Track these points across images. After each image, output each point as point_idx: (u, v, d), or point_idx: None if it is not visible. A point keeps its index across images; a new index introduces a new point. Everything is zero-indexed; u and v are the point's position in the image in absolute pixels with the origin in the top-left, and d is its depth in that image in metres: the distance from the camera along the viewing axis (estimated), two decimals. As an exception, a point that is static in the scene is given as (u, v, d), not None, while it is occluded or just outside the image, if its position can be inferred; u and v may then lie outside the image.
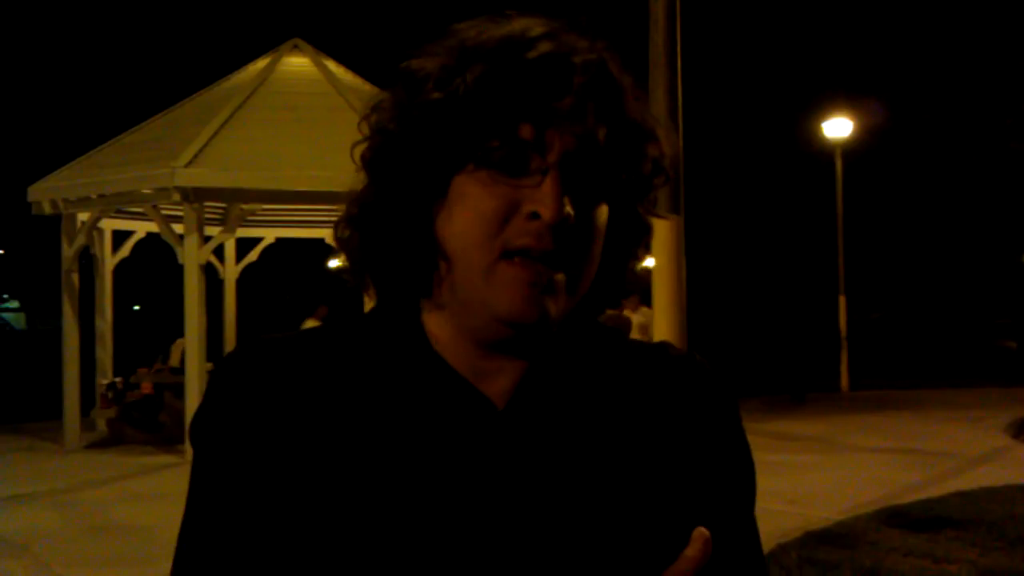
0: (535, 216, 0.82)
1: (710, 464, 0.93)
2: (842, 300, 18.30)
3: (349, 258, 0.92)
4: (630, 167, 0.88)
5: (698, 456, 0.92)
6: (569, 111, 0.83)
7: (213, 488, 0.88)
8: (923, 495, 7.81)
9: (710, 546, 0.82)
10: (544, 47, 0.84)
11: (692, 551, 0.82)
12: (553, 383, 0.90)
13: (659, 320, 5.06)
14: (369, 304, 0.96)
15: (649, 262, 4.90)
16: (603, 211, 0.87)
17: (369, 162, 0.89)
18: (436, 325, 0.90)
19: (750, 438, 0.99)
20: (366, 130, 0.90)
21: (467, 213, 0.84)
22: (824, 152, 19.78)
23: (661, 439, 0.91)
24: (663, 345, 1.00)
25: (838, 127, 18.89)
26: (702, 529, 0.82)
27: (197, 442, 0.90)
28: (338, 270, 1.01)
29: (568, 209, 0.83)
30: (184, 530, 0.90)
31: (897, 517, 7.04)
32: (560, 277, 0.84)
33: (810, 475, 9.08)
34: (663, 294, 4.95)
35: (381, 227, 0.89)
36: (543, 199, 0.82)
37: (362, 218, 0.90)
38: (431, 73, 0.86)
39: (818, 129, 19.43)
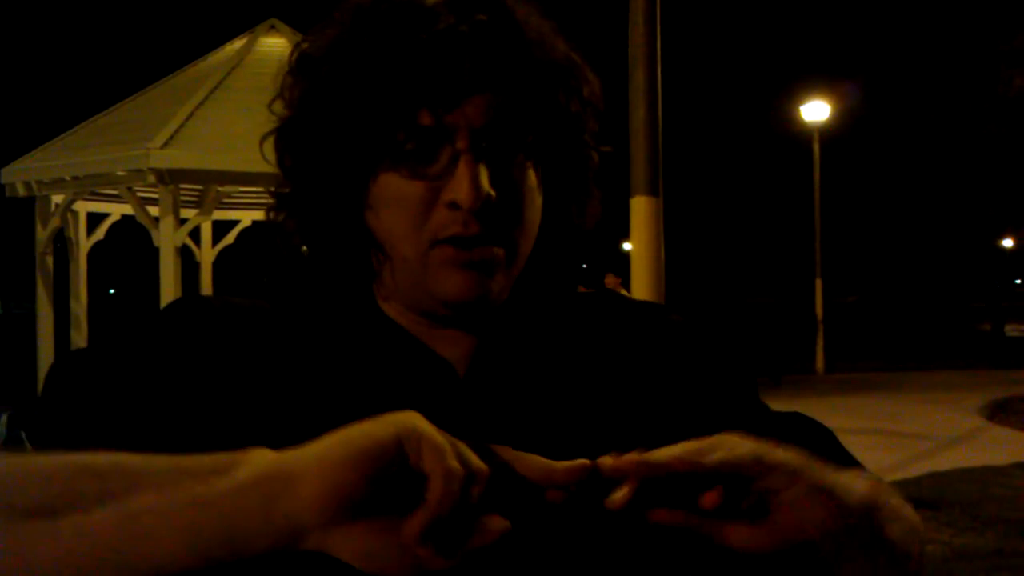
0: (455, 206, 0.79)
1: (694, 395, 0.89)
2: (819, 283, 18.40)
3: (283, 242, 0.88)
4: (551, 116, 0.83)
5: (680, 395, 0.88)
6: (468, 85, 0.78)
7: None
8: (898, 476, 7.87)
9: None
10: (438, 22, 0.78)
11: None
12: (511, 347, 0.87)
13: (637, 303, 5.05)
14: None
15: (627, 246, 4.88)
16: (529, 172, 0.83)
17: (279, 159, 0.85)
18: (381, 296, 0.88)
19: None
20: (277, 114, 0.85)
21: (390, 207, 0.81)
22: (802, 135, 19.86)
23: (634, 391, 0.87)
24: (613, 295, 0.97)
25: (816, 110, 18.95)
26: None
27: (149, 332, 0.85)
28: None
29: (487, 189, 0.78)
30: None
31: (872, 498, 7.10)
32: (497, 251, 0.81)
33: (787, 457, 9.13)
34: (641, 278, 4.93)
35: (311, 218, 0.85)
36: (457, 187, 0.78)
37: (292, 206, 0.86)
38: (324, 55, 0.82)
39: (796, 112, 19.49)
